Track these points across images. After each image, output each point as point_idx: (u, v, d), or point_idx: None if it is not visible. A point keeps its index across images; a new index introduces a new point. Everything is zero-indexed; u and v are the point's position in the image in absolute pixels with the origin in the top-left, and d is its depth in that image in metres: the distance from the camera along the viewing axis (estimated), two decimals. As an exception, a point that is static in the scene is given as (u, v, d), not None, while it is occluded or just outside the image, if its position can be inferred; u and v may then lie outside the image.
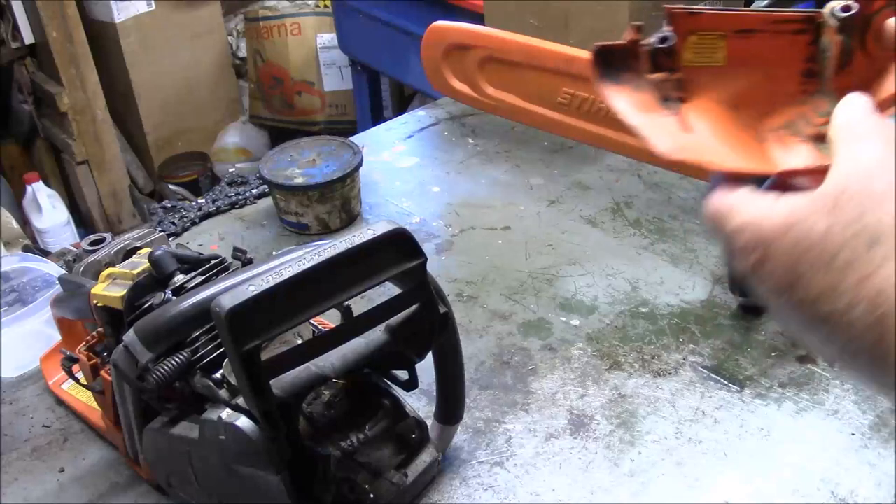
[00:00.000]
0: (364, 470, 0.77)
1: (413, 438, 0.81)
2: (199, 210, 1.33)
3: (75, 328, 0.96)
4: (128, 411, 0.81)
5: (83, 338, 0.88)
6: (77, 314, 0.91)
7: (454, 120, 1.56)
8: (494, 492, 0.85)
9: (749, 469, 0.85)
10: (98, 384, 0.85)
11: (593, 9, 1.45)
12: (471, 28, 1.43)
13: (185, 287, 0.80)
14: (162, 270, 0.81)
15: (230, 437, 0.69)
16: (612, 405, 0.94)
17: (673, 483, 0.85)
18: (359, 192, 1.30)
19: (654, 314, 1.06)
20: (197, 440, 0.73)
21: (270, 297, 0.64)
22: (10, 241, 2.51)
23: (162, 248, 0.83)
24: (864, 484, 0.83)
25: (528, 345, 1.03)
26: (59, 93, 2.60)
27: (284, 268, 0.66)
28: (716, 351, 1.00)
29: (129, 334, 0.74)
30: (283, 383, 0.69)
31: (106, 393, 0.85)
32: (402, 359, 0.78)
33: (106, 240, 0.96)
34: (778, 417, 0.91)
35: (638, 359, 1.00)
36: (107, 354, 0.83)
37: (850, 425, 0.89)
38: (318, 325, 0.83)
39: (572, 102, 1.30)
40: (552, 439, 0.90)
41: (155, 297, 0.79)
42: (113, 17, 2.78)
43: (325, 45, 3.00)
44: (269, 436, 0.68)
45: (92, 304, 0.83)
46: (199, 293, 0.74)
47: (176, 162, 3.04)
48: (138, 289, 0.80)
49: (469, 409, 0.91)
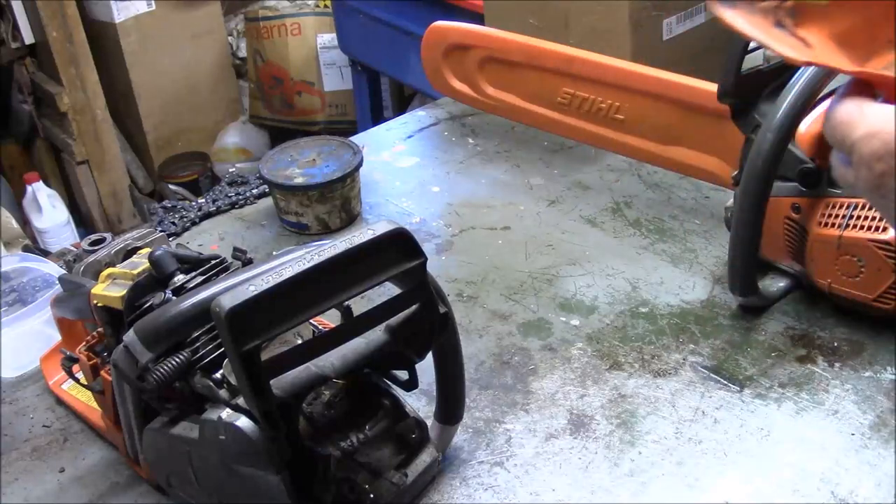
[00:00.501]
0: (364, 470, 0.77)
1: (413, 438, 0.81)
2: (199, 210, 1.33)
3: (75, 328, 0.96)
4: (128, 411, 0.81)
5: (83, 338, 0.88)
6: (77, 314, 0.91)
7: (454, 120, 1.56)
8: (494, 492, 0.85)
9: (749, 469, 0.85)
10: (98, 384, 0.85)
11: (593, 9, 1.46)
12: (471, 28, 1.43)
13: (185, 287, 0.80)
14: (162, 270, 0.81)
15: (230, 437, 0.69)
16: (612, 405, 0.94)
17: (673, 483, 0.85)
18: (359, 192, 1.30)
19: (654, 314, 1.06)
20: (197, 440, 0.73)
21: (270, 297, 0.64)
22: (10, 241, 2.51)
23: (162, 248, 0.84)
24: (864, 484, 0.83)
25: (528, 345, 1.03)
26: (59, 93, 2.60)
27: (284, 268, 0.66)
28: (716, 351, 1.00)
29: (129, 334, 0.74)
30: (283, 383, 0.69)
31: (106, 393, 0.85)
32: (402, 359, 0.78)
33: (106, 240, 0.96)
34: (778, 417, 0.91)
35: (638, 359, 1.00)
36: (107, 354, 0.83)
37: (850, 425, 0.89)
38: (318, 325, 0.83)
39: (572, 102, 1.31)
40: (552, 439, 0.90)
41: (155, 297, 0.79)
42: (113, 17, 2.78)
43: (325, 45, 3.00)
44: (269, 436, 0.68)
45: (92, 304, 0.83)
46: (200, 293, 0.74)
47: (176, 162, 3.04)
48: (138, 289, 0.80)
49: (469, 409, 0.91)
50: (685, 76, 1.18)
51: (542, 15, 1.53)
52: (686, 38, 1.50)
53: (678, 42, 1.49)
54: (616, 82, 1.23)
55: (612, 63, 1.24)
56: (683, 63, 1.37)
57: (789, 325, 1.03)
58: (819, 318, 1.03)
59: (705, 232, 1.19)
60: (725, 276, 1.03)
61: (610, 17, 1.44)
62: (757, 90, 1.03)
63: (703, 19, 1.52)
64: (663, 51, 1.47)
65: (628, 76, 1.22)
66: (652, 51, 1.45)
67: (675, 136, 1.16)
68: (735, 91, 1.02)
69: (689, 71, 1.20)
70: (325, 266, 0.67)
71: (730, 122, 1.05)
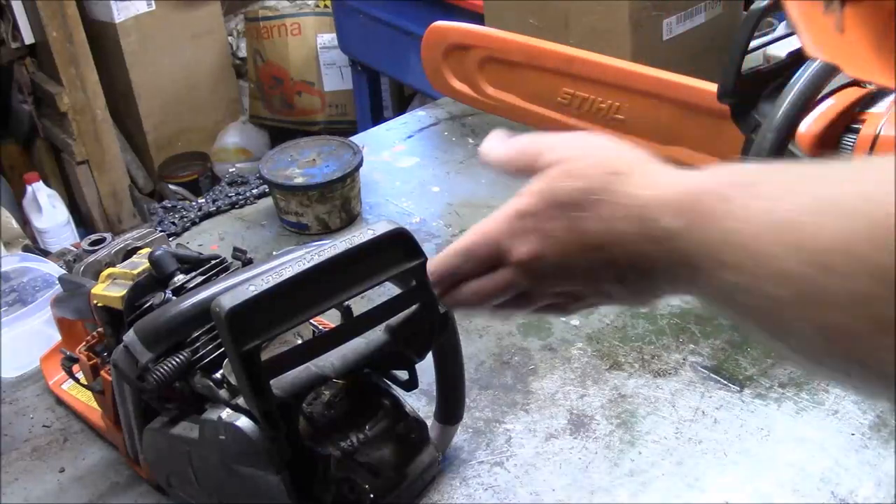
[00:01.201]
0: (364, 470, 0.77)
1: (413, 438, 0.81)
2: (199, 210, 1.33)
3: (75, 328, 0.96)
4: (128, 411, 0.81)
5: (83, 338, 0.88)
6: (77, 314, 0.91)
7: (454, 120, 1.56)
8: (494, 492, 0.85)
9: (749, 469, 0.85)
10: (98, 384, 0.85)
11: (593, 9, 1.45)
12: (471, 28, 1.43)
13: (185, 287, 0.80)
14: (162, 270, 0.81)
15: (230, 437, 0.69)
16: (612, 405, 0.94)
17: (673, 483, 0.85)
18: (359, 192, 1.30)
19: (654, 314, 1.06)
20: (197, 440, 0.73)
21: (270, 297, 0.64)
22: (10, 241, 2.50)
23: (162, 248, 0.84)
24: (864, 484, 0.83)
25: (528, 345, 1.03)
26: (59, 93, 2.60)
27: (284, 268, 0.66)
28: (716, 351, 1.00)
29: (129, 334, 0.74)
30: (283, 383, 0.69)
31: (106, 393, 0.85)
32: (402, 359, 0.78)
33: (106, 240, 0.96)
34: (778, 417, 0.91)
35: (638, 359, 1.00)
36: (107, 354, 0.83)
37: (850, 425, 0.89)
38: (318, 325, 0.83)
39: (572, 102, 1.30)
40: (552, 439, 0.90)
41: (155, 297, 0.79)
42: (113, 17, 2.78)
43: (325, 45, 3.00)
44: (269, 436, 0.68)
45: (92, 304, 0.83)
46: (200, 293, 0.74)
47: (176, 162, 3.04)
48: (138, 289, 0.80)
49: (469, 409, 0.91)
50: (685, 76, 1.18)
51: (542, 15, 1.53)
52: (686, 38, 1.50)
53: (678, 42, 1.49)
54: (616, 82, 1.23)
55: (612, 63, 1.24)
56: (683, 63, 1.37)
57: (789, 325, 1.02)
58: (819, 318, 1.03)
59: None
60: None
61: (610, 17, 1.44)
62: (757, 90, 1.03)
63: (703, 19, 1.51)
64: (663, 51, 1.47)
65: (628, 76, 1.22)
66: (652, 51, 1.45)
67: (675, 136, 1.16)
68: (735, 91, 1.02)
69: (689, 71, 1.20)
70: (325, 266, 0.67)
71: (730, 122, 1.05)
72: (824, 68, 0.90)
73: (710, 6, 1.51)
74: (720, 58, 1.03)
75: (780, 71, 1.02)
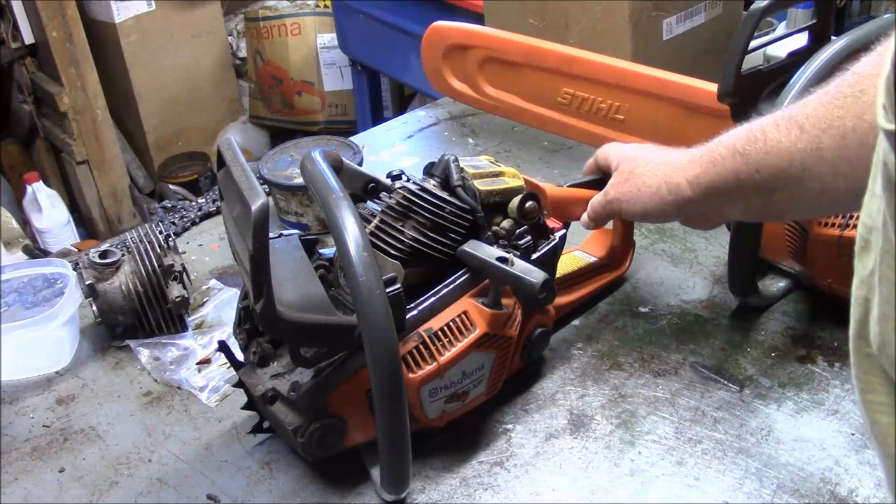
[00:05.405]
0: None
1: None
2: (199, 210, 1.33)
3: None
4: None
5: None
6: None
7: (454, 120, 1.56)
8: (494, 492, 0.85)
9: (749, 469, 0.85)
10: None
11: (593, 9, 1.45)
12: (471, 28, 1.43)
13: None
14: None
15: None
16: (612, 405, 0.94)
17: (673, 483, 0.85)
18: (359, 192, 1.30)
19: (654, 314, 1.06)
20: None
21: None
22: (10, 241, 2.50)
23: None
24: (864, 484, 0.83)
25: (528, 345, 1.03)
26: (59, 93, 2.60)
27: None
28: (716, 351, 1.00)
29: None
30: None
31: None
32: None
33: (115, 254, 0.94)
34: (778, 417, 0.91)
35: (638, 359, 1.00)
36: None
37: (850, 425, 0.89)
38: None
39: (572, 102, 1.31)
40: (552, 439, 0.90)
41: None
42: (113, 17, 2.78)
43: (325, 45, 3.00)
44: None
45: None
46: None
47: (176, 162, 3.04)
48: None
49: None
50: (685, 76, 1.18)
51: (542, 15, 1.53)
52: (686, 38, 1.49)
53: (678, 42, 1.49)
54: (616, 82, 1.23)
55: (612, 63, 1.24)
56: (683, 63, 1.37)
57: (789, 325, 1.03)
58: (819, 318, 1.03)
59: (705, 232, 1.19)
60: (725, 276, 1.03)
61: (610, 17, 1.44)
62: (757, 90, 1.03)
63: (703, 19, 1.51)
64: (663, 51, 1.47)
65: (628, 76, 1.22)
66: (652, 51, 1.45)
67: (675, 136, 1.16)
68: (735, 91, 1.02)
69: (689, 71, 1.20)
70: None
71: (730, 122, 1.05)
72: (824, 68, 0.90)
73: (710, 6, 1.51)
74: (720, 58, 1.03)
75: (780, 71, 1.02)
